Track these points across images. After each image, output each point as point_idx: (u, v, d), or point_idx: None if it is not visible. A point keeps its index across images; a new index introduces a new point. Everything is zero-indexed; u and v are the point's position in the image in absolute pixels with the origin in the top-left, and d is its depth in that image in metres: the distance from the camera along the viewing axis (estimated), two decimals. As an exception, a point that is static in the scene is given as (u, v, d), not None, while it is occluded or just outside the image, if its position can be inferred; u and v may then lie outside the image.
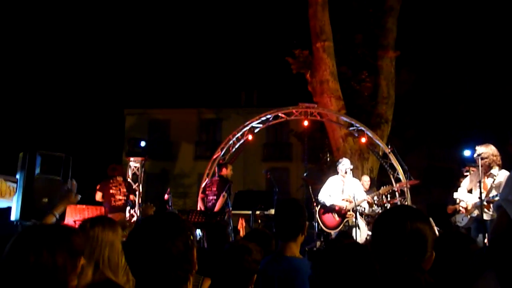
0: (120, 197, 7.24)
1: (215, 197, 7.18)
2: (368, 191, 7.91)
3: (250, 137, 9.48)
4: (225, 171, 7.52)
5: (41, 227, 1.74)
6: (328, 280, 2.06)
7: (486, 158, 5.38)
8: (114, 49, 29.49)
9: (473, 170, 6.04)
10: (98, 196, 7.29)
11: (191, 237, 1.47)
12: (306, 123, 9.65)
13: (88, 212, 6.29)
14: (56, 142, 19.87)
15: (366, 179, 8.66)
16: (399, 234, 1.53)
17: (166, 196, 6.69)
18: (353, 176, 7.40)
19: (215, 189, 7.26)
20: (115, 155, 21.76)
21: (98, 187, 7.35)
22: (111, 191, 7.22)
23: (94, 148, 23.01)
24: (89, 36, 30.63)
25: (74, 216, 6.17)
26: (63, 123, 24.90)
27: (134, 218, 8.12)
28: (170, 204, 6.90)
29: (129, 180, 8.87)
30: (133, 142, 9.12)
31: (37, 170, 4.98)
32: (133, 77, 26.51)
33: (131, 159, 8.99)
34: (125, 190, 7.35)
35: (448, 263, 2.10)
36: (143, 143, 9.05)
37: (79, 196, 2.78)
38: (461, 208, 6.11)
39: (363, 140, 9.38)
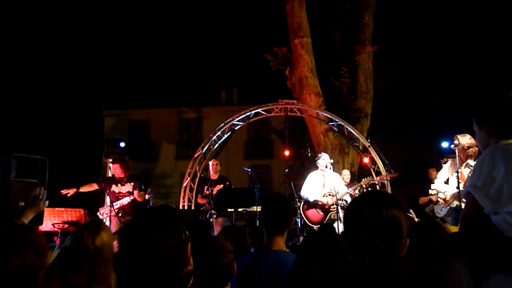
0: None
1: None
2: (349, 185, 7.99)
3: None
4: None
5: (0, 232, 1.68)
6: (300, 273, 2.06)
7: (471, 147, 5.41)
8: (92, 50, 29.06)
9: (450, 161, 6.11)
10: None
11: (186, 232, 1.43)
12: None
13: (67, 214, 6.14)
14: (34, 144, 19.49)
15: (346, 173, 8.74)
16: (375, 221, 1.46)
17: (146, 196, 6.62)
18: (334, 171, 7.46)
19: None
20: (95, 157, 21.47)
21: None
22: None
23: (72, 151, 22.66)
24: (67, 37, 30.11)
25: (52, 219, 6.04)
26: (40, 125, 24.45)
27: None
28: (151, 204, 6.82)
29: None
30: (112, 143, 8.93)
31: (13, 173, 4.86)
32: (111, 78, 26.18)
33: (110, 160, 8.83)
34: None
35: (417, 250, 2.09)
36: (122, 144, 8.89)
37: (47, 203, 2.69)
38: (439, 199, 6.19)
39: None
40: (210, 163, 8.07)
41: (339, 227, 6.46)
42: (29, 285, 1.49)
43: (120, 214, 6.58)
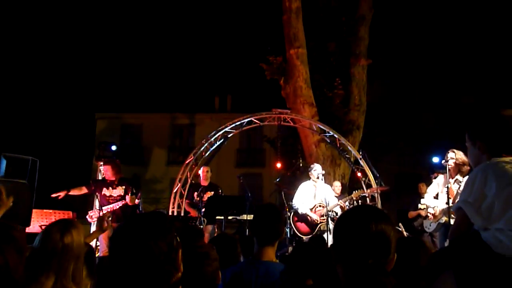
0: None
1: None
2: (339, 197, 8.00)
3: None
4: None
5: None
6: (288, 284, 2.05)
7: (465, 165, 5.43)
8: (86, 52, 29.00)
9: (440, 176, 6.15)
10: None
11: (177, 238, 1.43)
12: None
13: (55, 216, 6.08)
14: (25, 145, 19.31)
15: (337, 184, 8.75)
16: (363, 236, 1.46)
17: (136, 201, 6.57)
18: (325, 182, 7.47)
19: None
20: (85, 159, 21.33)
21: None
22: None
23: (63, 152, 22.49)
24: (61, 38, 30.01)
25: (40, 221, 5.98)
26: (32, 126, 24.27)
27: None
28: (140, 209, 6.78)
29: None
30: (103, 146, 8.88)
31: (2, 173, 4.80)
32: (105, 81, 26.09)
33: (101, 163, 8.77)
34: None
35: (402, 266, 2.08)
36: (114, 147, 8.86)
37: (11, 198, 2.66)
38: (429, 214, 6.21)
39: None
40: (201, 169, 8.02)
41: (329, 238, 6.46)
42: (8, 283, 1.48)
43: (110, 218, 6.50)
